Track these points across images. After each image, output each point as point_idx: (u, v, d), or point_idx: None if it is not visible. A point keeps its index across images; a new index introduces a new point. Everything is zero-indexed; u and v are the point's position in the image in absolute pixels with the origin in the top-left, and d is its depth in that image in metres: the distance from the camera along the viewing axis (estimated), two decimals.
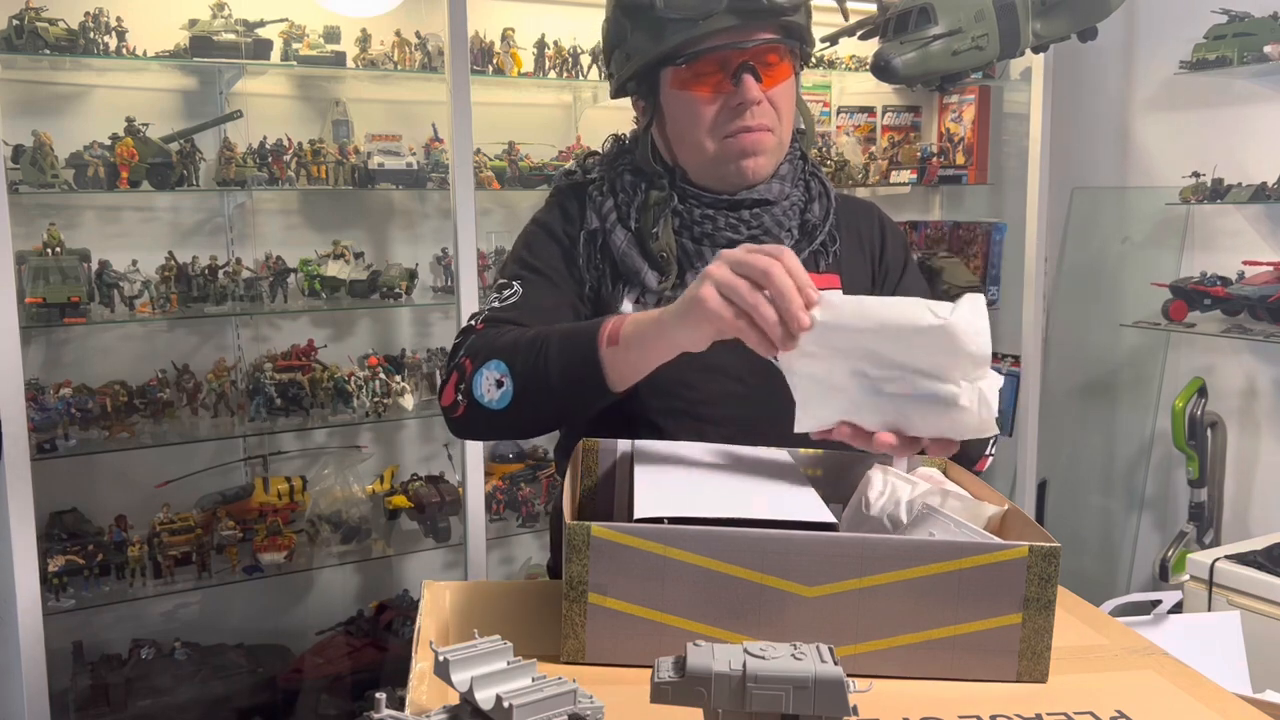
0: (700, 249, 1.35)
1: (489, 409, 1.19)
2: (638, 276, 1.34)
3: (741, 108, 1.29)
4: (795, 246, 1.38)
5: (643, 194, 1.37)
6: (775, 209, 1.37)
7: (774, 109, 1.32)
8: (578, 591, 0.94)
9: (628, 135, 1.46)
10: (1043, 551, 0.94)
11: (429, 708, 0.77)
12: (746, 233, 1.35)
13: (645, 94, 1.37)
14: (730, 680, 0.72)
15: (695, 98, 1.31)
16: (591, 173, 1.45)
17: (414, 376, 2.71)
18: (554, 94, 2.94)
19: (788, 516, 0.97)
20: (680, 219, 1.36)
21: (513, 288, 1.33)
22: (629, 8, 1.30)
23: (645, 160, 1.37)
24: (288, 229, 2.71)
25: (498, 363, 1.18)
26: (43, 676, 2.14)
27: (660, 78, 1.33)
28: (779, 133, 1.34)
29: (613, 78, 1.40)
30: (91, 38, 2.29)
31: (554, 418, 1.30)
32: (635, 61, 1.32)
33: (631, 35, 1.31)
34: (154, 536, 2.41)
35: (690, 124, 1.33)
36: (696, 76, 1.30)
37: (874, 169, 3.24)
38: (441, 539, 2.70)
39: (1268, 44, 2.63)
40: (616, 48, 1.36)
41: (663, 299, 1.32)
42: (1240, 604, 2.20)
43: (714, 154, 1.33)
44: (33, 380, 2.33)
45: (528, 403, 1.18)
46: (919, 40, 2.22)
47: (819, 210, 1.41)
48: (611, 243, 1.37)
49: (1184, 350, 3.10)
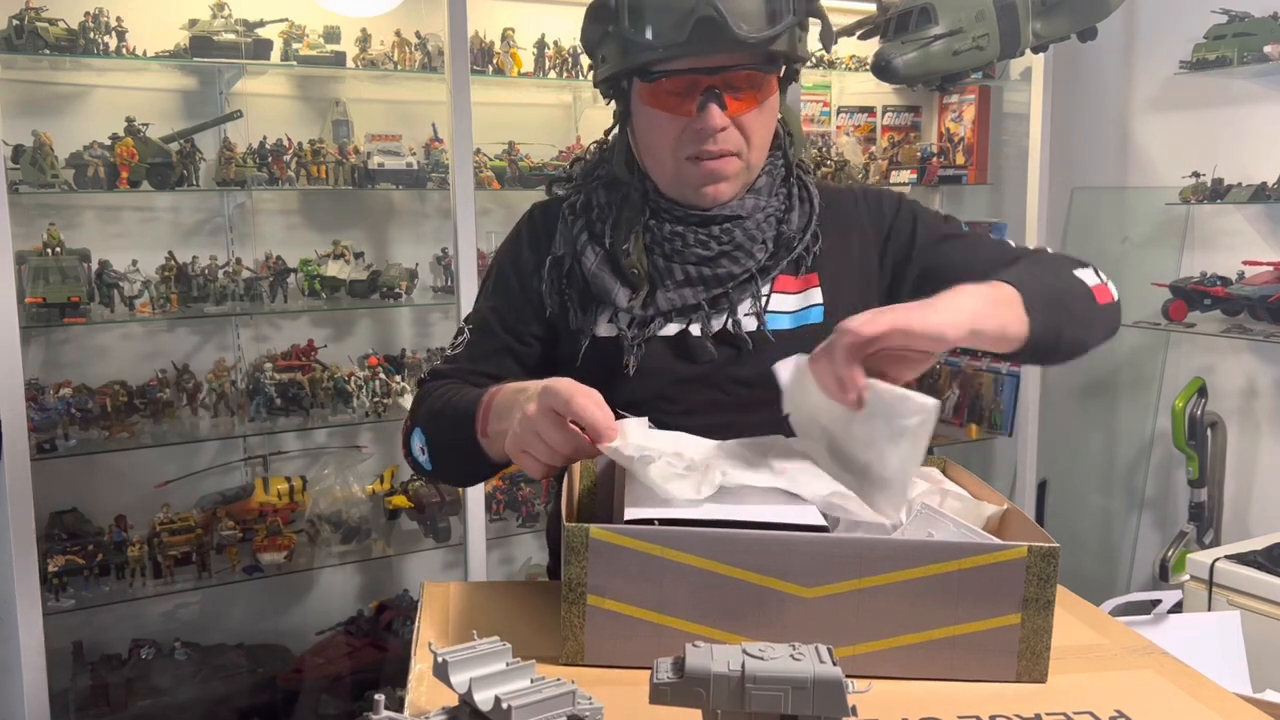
0: (670, 266, 1.31)
1: (426, 469, 1.32)
2: (609, 295, 1.31)
3: (703, 133, 1.24)
4: (771, 258, 1.33)
5: (615, 211, 1.33)
6: (748, 223, 1.32)
7: (742, 133, 1.26)
8: (576, 593, 0.94)
9: (610, 139, 1.42)
10: (1042, 552, 0.94)
11: (428, 709, 0.77)
12: (717, 249, 1.31)
13: (618, 98, 1.33)
14: (729, 681, 0.72)
15: (659, 115, 1.26)
16: (573, 182, 1.41)
17: (414, 376, 2.71)
18: (554, 94, 2.94)
19: (778, 519, 0.97)
20: (651, 235, 1.32)
21: (463, 334, 1.40)
22: (595, 20, 1.27)
23: (620, 165, 1.34)
24: (288, 229, 2.71)
25: (419, 431, 1.30)
26: (43, 676, 2.14)
27: (630, 87, 1.29)
28: (746, 156, 1.28)
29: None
30: (91, 38, 2.29)
31: (471, 479, 1.40)
32: (605, 69, 1.29)
33: (601, 43, 1.28)
34: (154, 536, 2.41)
35: (655, 140, 1.29)
36: (661, 94, 1.25)
37: (874, 169, 3.24)
38: (441, 539, 2.70)
39: (1268, 44, 2.63)
40: (590, 52, 1.33)
41: (634, 318, 1.30)
42: (1240, 604, 2.20)
43: (675, 173, 1.30)
44: (33, 380, 2.33)
45: (444, 468, 1.31)
46: (919, 40, 2.22)
47: (798, 219, 1.35)
48: (582, 265, 1.33)
49: (1184, 350, 3.10)
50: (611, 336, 1.32)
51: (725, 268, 1.31)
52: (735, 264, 1.31)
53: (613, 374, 1.29)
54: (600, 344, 1.32)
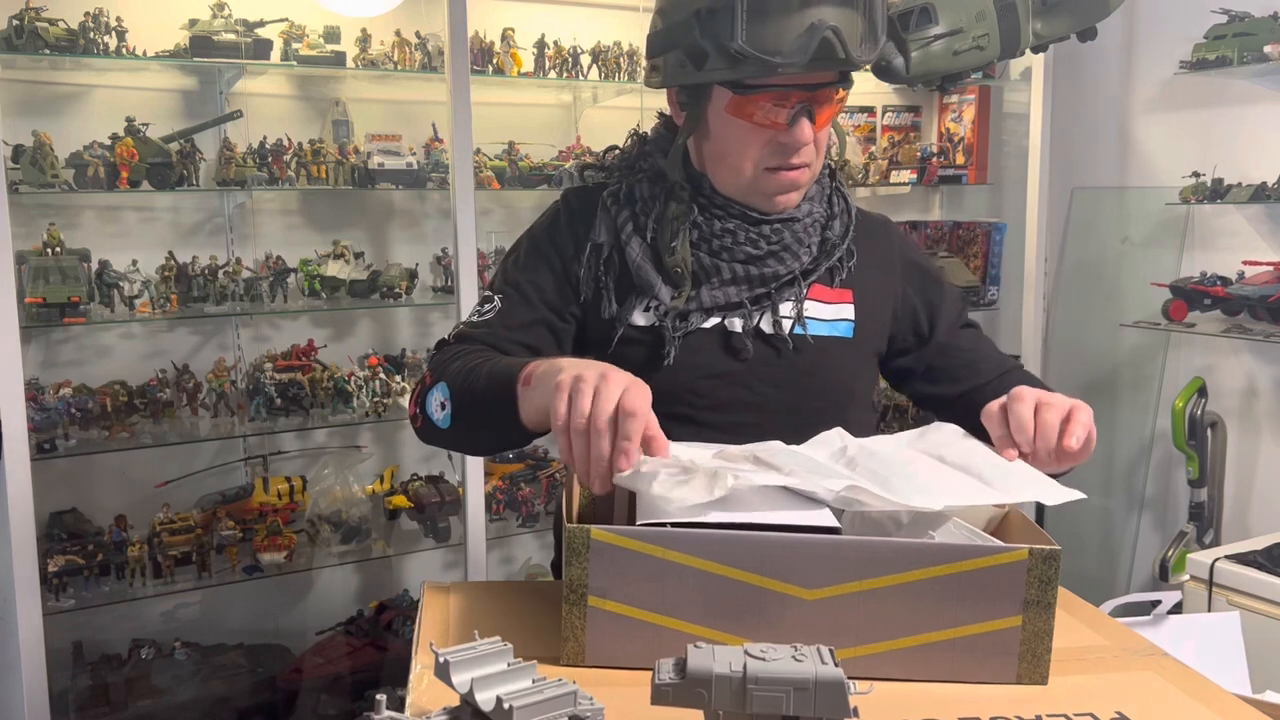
0: (717, 263, 1.33)
1: (437, 427, 1.24)
2: (651, 289, 1.33)
3: (790, 147, 1.27)
4: (813, 263, 1.36)
5: (661, 205, 1.34)
6: (797, 225, 1.35)
7: (815, 146, 1.30)
8: (578, 594, 0.94)
9: (649, 133, 1.42)
10: (1043, 554, 0.94)
11: (429, 709, 0.78)
12: (766, 248, 1.33)
13: (691, 103, 1.32)
14: (731, 682, 0.72)
15: (745, 127, 1.27)
16: (611, 174, 1.41)
17: (414, 376, 2.71)
18: (554, 94, 2.94)
19: (792, 522, 0.97)
20: (699, 231, 1.33)
21: (493, 302, 1.35)
22: (707, 23, 1.22)
23: (674, 166, 1.33)
24: (288, 229, 2.70)
25: (444, 385, 1.23)
26: (43, 676, 2.14)
27: (712, 93, 1.28)
28: (814, 167, 1.32)
29: (656, 70, 1.33)
30: (91, 38, 2.28)
31: (486, 443, 1.33)
32: (699, 75, 1.26)
33: (700, 44, 1.23)
34: (154, 536, 2.40)
35: (734, 150, 1.30)
36: (753, 107, 1.25)
37: (874, 169, 3.24)
38: (441, 539, 2.70)
39: (1268, 44, 2.63)
40: (675, 48, 1.28)
41: (673, 310, 1.32)
42: (1240, 604, 2.20)
43: (750, 182, 1.31)
44: (33, 380, 2.33)
45: (463, 426, 1.22)
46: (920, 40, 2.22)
47: (839, 227, 1.39)
48: (627, 255, 1.34)
49: (1184, 350, 3.10)
50: (648, 326, 1.33)
51: (771, 267, 1.34)
52: (781, 264, 1.34)
53: (646, 364, 1.31)
54: (636, 333, 1.34)
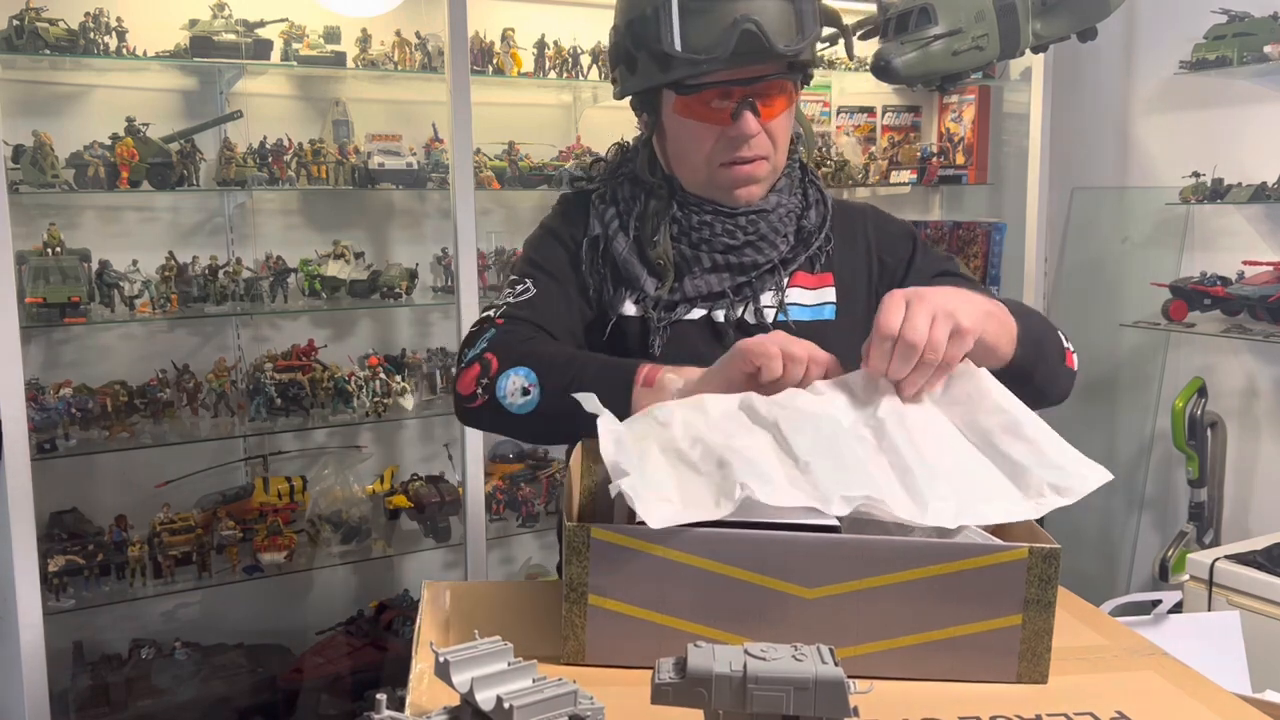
0: (698, 254, 1.38)
1: (510, 411, 1.23)
2: (637, 282, 1.38)
3: (738, 140, 1.31)
4: (791, 252, 1.41)
5: (641, 204, 1.40)
6: (771, 216, 1.39)
7: (770, 138, 1.34)
8: (578, 593, 0.94)
9: (631, 142, 1.48)
10: (1043, 553, 0.94)
11: (429, 708, 0.77)
12: (743, 238, 1.38)
13: (648, 109, 1.39)
14: (731, 681, 0.72)
15: (694, 125, 1.33)
16: (593, 181, 1.48)
17: (414, 376, 2.71)
18: (554, 94, 2.94)
19: (792, 520, 0.97)
20: (678, 225, 1.39)
21: (525, 284, 1.37)
22: (638, 35, 1.30)
23: (643, 169, 1.40)
24: (288, 229, 2.70)
25: (528, 371, 1.22)
26: (43, 676, 2.14)
27: (663, 96, 1.35)
28: (774, 159, 1.36)
29: (616, 83, 1.42)
30: (91, 38, 2.28)
31: (563, 435, 1.32)
32: (639, 81, 1.34)
33: (638, 55, 1.32)
34: (154, 536, 2.40)
35: (689, 148, 1.35)
36: (697, 106, 1.32)
37: (874, 169, 3.24)
38: (441, 539, 2.70)
39: (1268, 44, 2.63)
40: (621, 62, 1.37)
41: (659, 303, 1.36)
42: (1240, 604, 2.20)
43: (707, 178, 1.37)
44: (33, 380, 2.33)
45: (549, 416, 1.21)
46: (919, 40, 2.22)
47: (815, 217, 1.43)
48: (614, 249, 1.40)
49: (1184, 350, 3.10)
50: (637, 317, 1.38)
51: (750, 256, 1.38)
52: (759, 253, 1.38)
53: (635, 353, 1.35)
54: (625, 323, 1.38)
